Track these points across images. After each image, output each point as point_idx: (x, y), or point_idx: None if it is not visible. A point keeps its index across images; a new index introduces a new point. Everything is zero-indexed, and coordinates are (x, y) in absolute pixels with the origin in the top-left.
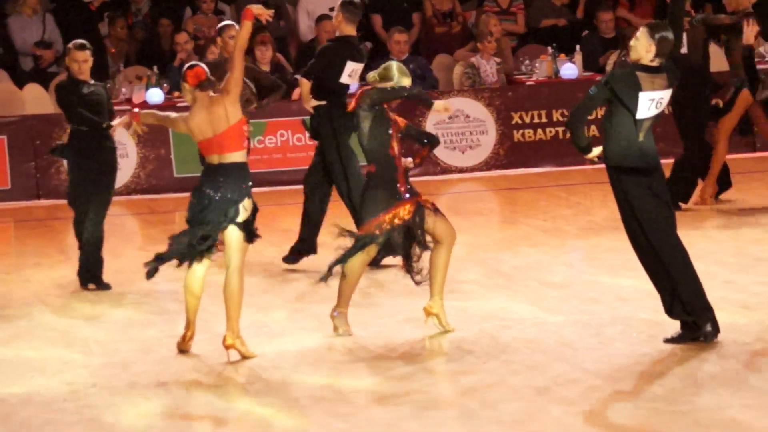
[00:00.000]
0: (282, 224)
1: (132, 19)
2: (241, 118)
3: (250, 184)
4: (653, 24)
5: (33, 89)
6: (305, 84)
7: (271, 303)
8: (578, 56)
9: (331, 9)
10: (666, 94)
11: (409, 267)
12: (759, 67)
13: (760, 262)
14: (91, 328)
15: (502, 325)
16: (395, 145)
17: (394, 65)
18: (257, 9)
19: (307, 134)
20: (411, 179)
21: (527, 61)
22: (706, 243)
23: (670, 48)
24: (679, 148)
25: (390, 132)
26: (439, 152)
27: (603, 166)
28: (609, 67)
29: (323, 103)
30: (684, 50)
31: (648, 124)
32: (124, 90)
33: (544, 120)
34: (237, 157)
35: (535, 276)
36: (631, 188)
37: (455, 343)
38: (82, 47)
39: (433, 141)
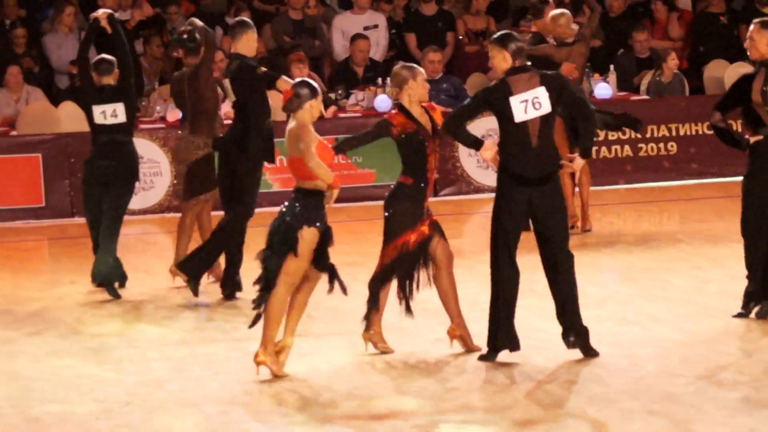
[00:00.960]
0: None
1: (167, 37)
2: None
3: (319, 213)
4: (498, 37)
5: (68, 107)
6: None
7: (302, 322)
8: (612, 76)
9: (366, 28)
10: (540, 92)
11: (407, 292)
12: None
13: None
14: (124, 346)
15: (535, 346)
16: (432, 160)
17: (395, 70)
18: None
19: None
20: (444, 198)
21: None
22: (739, 263)
23: (523, 48)
24: (716, 167)
25: (426, 145)
26: (472, 171)
27: (638, 186)
28: (643, 87)
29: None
30: None
31: (540, 126)
32: (158, 108)
33: None
34: (310, 185)
35: None
36: (499, 192)
37: (487, 364)
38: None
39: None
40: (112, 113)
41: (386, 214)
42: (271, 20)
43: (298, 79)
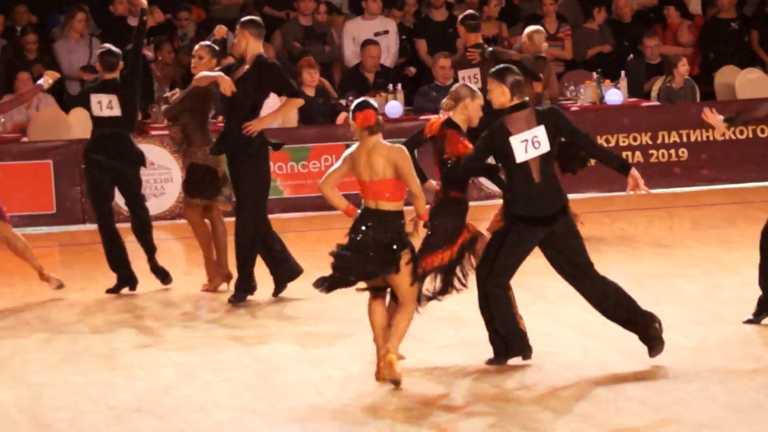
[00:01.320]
0: (326, 250)
1: (178, 43)
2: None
3: (406, 232)
4: (497, 71)
5: (79, 113)
6: (298, 103)
7: (315, 328)
8: (623, 82)
9: (376, 34)
10: (539, 132)
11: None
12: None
13: None
14: (135, 352)
15: (546, 351)
16: None
17: (457, 87)
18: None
19: None
20: None
21: (572, 87)
22: (751, 269)
23: (522, 84)
24: (727, 173)
25: None
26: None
27: (647, 192)
28: (654, 93)
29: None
30: (479, 85)
31: (540, 164)
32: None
33: None
34: (393, 206)
35: (579, 302)
36: (510, 235)
37: (498, 369)
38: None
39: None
40: (107, 104)
41: (433, 224)
42: (281, 26)
43: (361, 100)
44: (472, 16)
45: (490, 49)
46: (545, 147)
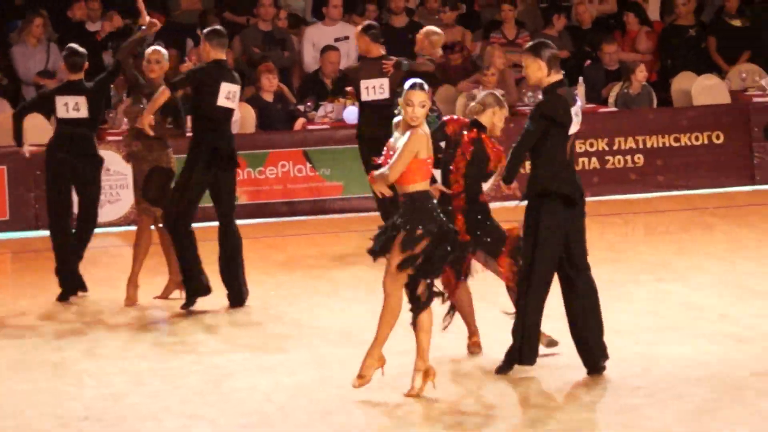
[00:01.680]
0: (279, 256)
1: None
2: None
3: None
4: (532, 46)
5: (34, 119)
6: (166, 94)
7: (266, 335)
8: (581, 87)
9: (337, 40)
10: (580, 106)
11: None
12: None
13: (755, 295)
14: (84, 360)
15: (499, 358)
16: None
17: (484, 95)
18: None
19: (308, 165)
20: None
21: (530, 93)
22: (702, 275)
23: (557, 56)
24: (682, 180)
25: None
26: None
27: (604, 198)
28: (611, 99)
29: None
30: (385, 95)
31: (572, 141)
32: (126, 120)
33: None
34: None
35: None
36: (545, 217)
37: (465, 376)
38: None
39: None
40: (74, 106)
41: (479, 233)
42: (240, 31)
43: (419, 81)
44: (374, 26)
45: (406, 62)
46: (579, 125)
